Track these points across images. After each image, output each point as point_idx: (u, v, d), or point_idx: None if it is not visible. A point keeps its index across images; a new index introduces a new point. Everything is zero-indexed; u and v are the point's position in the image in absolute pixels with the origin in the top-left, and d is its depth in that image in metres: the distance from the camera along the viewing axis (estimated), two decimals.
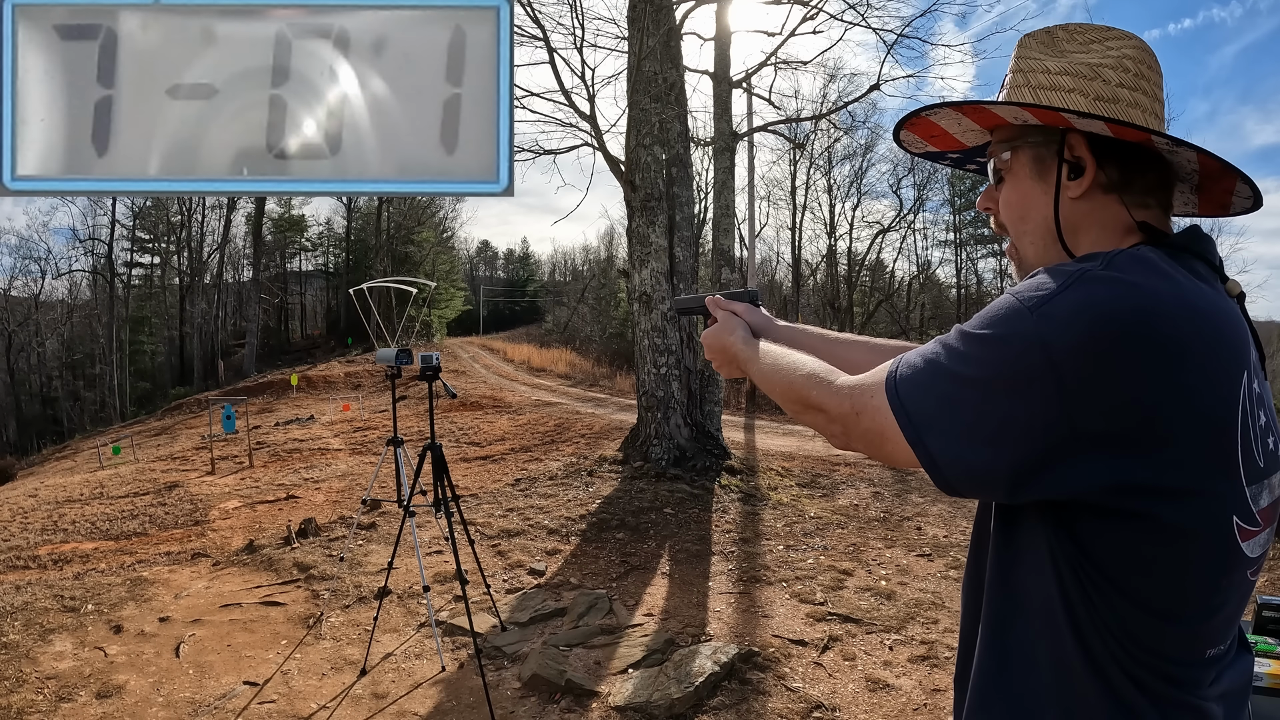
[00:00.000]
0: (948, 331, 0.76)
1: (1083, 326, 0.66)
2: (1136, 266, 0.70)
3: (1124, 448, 0.67)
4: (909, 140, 0.99)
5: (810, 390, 0.86)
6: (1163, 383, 0.66)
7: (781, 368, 0.93)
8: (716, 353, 1.11)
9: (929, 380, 0.73)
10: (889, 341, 1.09)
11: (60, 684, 3.32)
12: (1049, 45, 0.86)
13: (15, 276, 36.70)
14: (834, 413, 0.82)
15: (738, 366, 1.08)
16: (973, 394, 0.70)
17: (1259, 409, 0.73)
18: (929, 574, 4.89)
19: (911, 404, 0.73)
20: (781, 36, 9.89)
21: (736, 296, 1.16)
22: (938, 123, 0.93)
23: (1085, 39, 0.85)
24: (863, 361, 1.02)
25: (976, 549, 0.86)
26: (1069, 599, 0.72)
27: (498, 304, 56.64)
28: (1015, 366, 0.68)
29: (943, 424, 0.71)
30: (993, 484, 0.72)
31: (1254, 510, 0.73)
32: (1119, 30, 0.85)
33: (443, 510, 3.49)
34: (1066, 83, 0.82)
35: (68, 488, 11.31)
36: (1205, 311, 0.70)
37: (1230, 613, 0.76)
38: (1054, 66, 0.83)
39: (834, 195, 29.12)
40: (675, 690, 3.15)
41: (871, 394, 0.78)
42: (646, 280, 7.64)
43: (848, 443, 0.82)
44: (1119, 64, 0.81)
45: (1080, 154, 0.80)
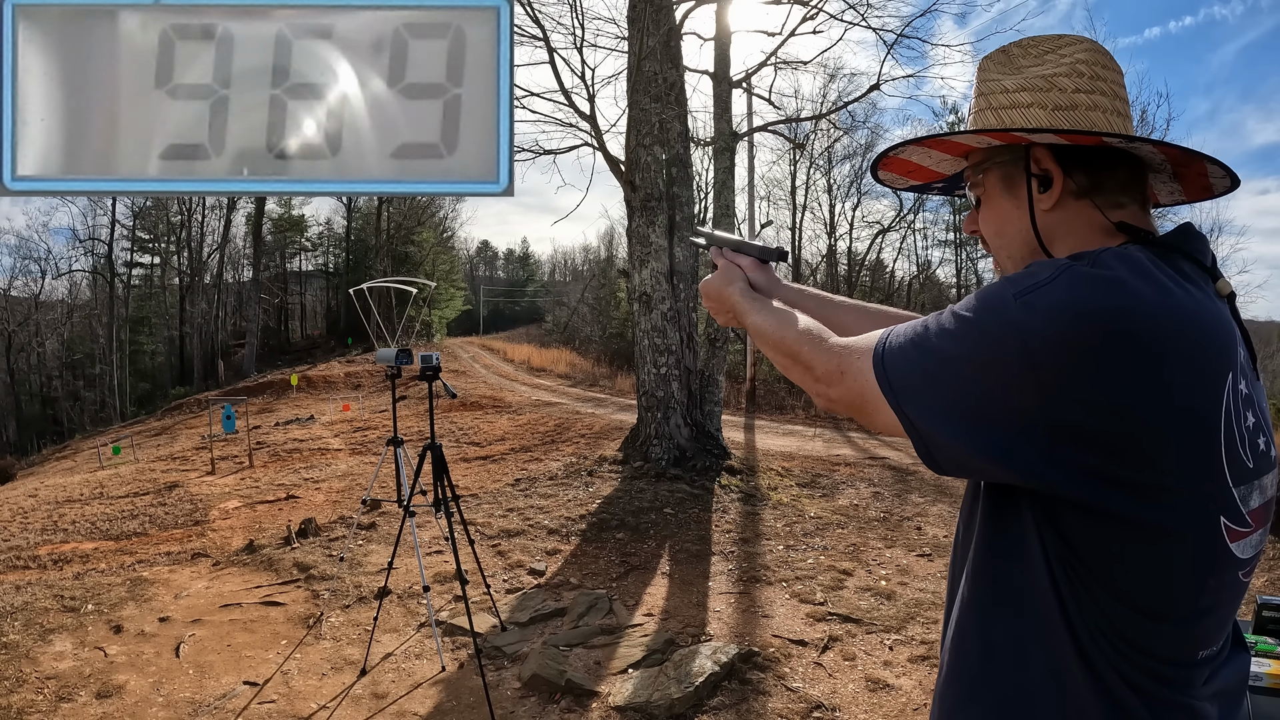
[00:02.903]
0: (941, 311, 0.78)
1: (1064, 321, 0.67)
2: (1122, 265, 0.70)
3: (1099, 444, 0.67)
4: (889, 179, 1.01)
5: (801, 346, 0.89)
6: (1142, 382, 0.66)
7: (776, 322, 0.96)
8: (715, 300, 1.13)
9: (914, 353, 0.75)
10: (884, 308, 1.12)
11: (60, 684, 3.32)
12: (1005, 64, 0.88)
13: (15, 276, 36.78)
14: (820, 371, 0.85)
15: (734, 316, 1.10)
16: (952, 371, 0.72)
17: (1246, 410, 0.73)
18: (929, 574, 4.89)
19: (895, 373, 0.76)
20: (781, 36, 9.90)
21: (756, 252, 1.16)
22: (909, 159, 0.96)
23: (1039, 51, 0.87)
24: (855, 325, 1.06)
25: (963, 538, 0.86)
26: (1059, 593, 0.72)
27: (498, 304, 56.63)
28: (995, 350, 0.70)
29: (924, 396, 0.74)
30: (971, 460, 0.73)
31: (1243, 511, 0.72)
32: (1070, 36, 0.86)
33: (443, 510, 3.49)
34: (1025, 99, 0.84)
35: (68, 488, 11.30)
36: (1188, 311, 0.70)
37: (1223, 614, 0.76)
38: (1011, 85, 0.85)
39: (834, 195, 29.15)
40: (675, 690, 3.15)
41: (858, 357, 0.81)
42: (646, 280, 7.64)
43: (830, 402, 0.85)
44: (1073, 70, 0.83)
45: (1047, 166, 0.82)
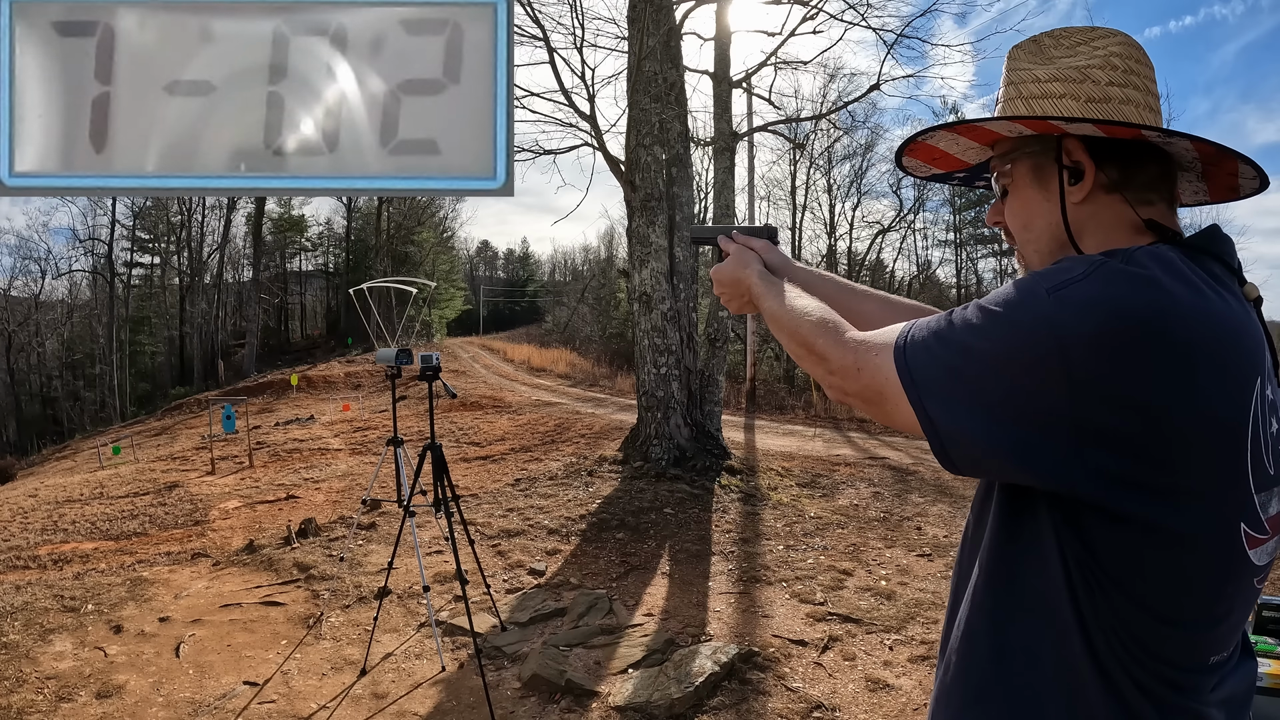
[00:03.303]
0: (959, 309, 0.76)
1: (1099, 318, 0.66)
2: (1156, 264, 0.69)
3: (1127, 447, 0.66)
4: (912, 165, 0.98)
5: (817, 338, 0.86)
6: (1173, 384, 0.65)
7: (793, 310, 0.92)
8: (728, 285, 1.09)
9: (939, 348, 0.73)
10: (906, 301, 1.08)
11: (60, 684, 3.32)
12: (1036, 54, 0.86)
13: (15, 276, 36.76)
14: (835, 364, 0.83)
15: (749, 301, 1.06)
16: (980, 366, 0.70)
17: (1271, 416, 0.72)
18: (929, 574, 4.89)
19: (918, 368, 0.73)
20: (781, 36, 9.91)
21: (754, 232, 1.14)
22: (936, 145, 0.93)
23: (1071, 43, 0.85)
24: (876, 315, 1.02)
25: (973, 538, 0.85)
26: (1075, 596, 0.71)
27: (498, 304, 56.64)
28: (1026, 346, 0.68)
29: (946, 391, 0.71)
30: (990, 460, 0.72)
31: (1263, 518, 0.72)
32: (1104, 29, 0.85)
33: (443, 510, 3.49)
34: (1057, 89, 0.82)
35: (68, 488, 11.30)
36: (1220, 314, 0.69)
37: (1236, 620, 0.75)
38: (1043, 74, 0.83)
39: (834, 195, 29.15)
40: (675, 690, 3.14)
41: (877, 352, 0.78)
42: (646, 280, 7.64)
43: (844, 395, 0.83)
44: (1106, 63, 0.81)
45: (1078, 158, 0.80)
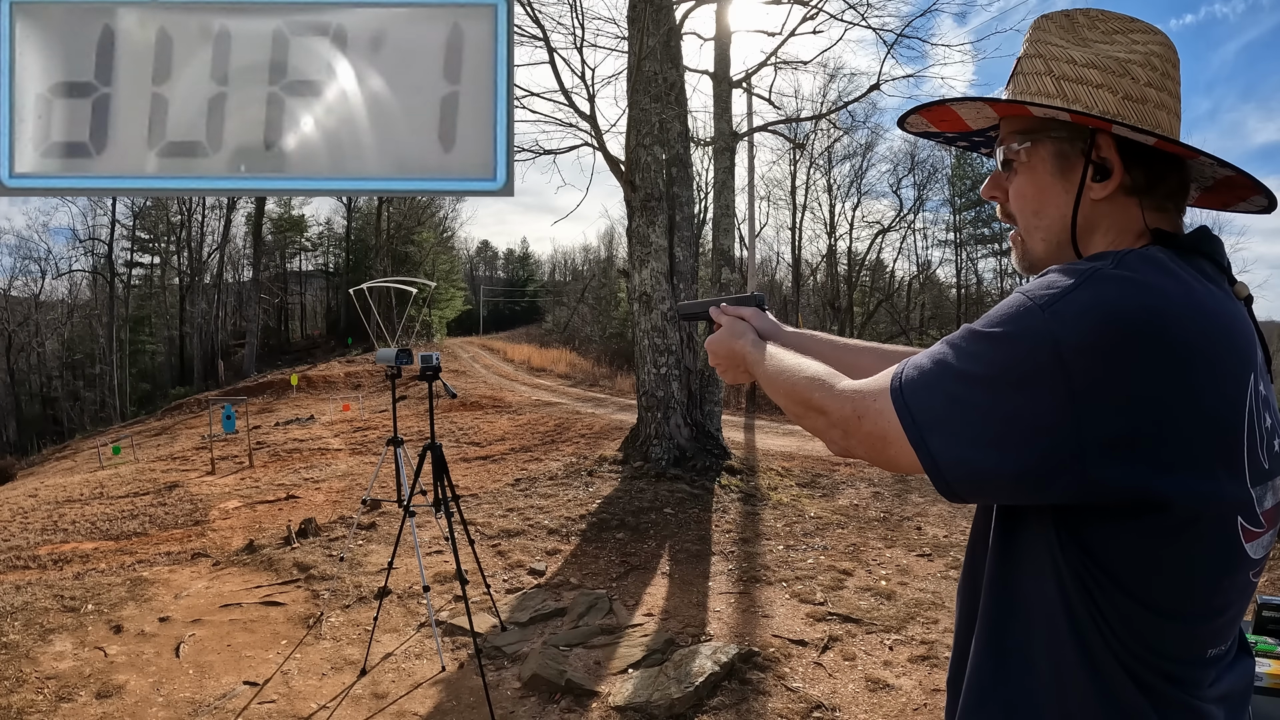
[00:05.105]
0: (952, 331, 0.75)
1: (1093, 325, 0.66)
2: (1147, 266, 0.69)
3: (1131, 449, 0.66)
4: (913, 122, 0.95)
5: (813, 393, 0.85)
6: (1171, 383, 0.65)
7: (786, 370, 0.92)
8: (723, 357, 1.09)
9: (936, 379, 0.72)
10: (899, 348, 1.07)
11: (60, 684, 3.32)
12: (1070, 31, 0.82)
13: (15, 276, 36.76)
14: (835, 416, 0.81)
15: (745, 370, 1.06)
16: (980, 392, 0.69)
17: (1265, 411, 0.73)
18: (929, 574, 4.89)
19: (916, 404, 0.72)
20: (781, 36, 9.91)
21: (742, 301, 1.15)
22: (957, 110, 0.90)
23: (1108, 29, 0.81)
24: (870, 367, 1.00)
25: (974, 551, 0.86)
26: (1070, 600, 0.72)
27: (498, 304, 56.62)
28: (1025, 364, 0.67)
29: (948, 424, 0.70)
30: (995, 487, 0.71)
31: (1258, 512, 0.73)
32: (1142, 23, 0.81)
33: (443, 510, 3.49)
34: (1094, 76, 0.78)
35: (68, 488, 11.30)
36: (1214, 313, 0.69)
37: (1233, 614, 0.76)
38: (1079, 57, 0.79)
39: (834, 195, 29.12)
40: (675, 690, 3.14)
41: (875, 397, 0.76)
42: (646, 280, 7.64)
43: (848, 447, 0.81)
44: (1147, 61, 0.78)
45: (1107, 155, 0.78)
